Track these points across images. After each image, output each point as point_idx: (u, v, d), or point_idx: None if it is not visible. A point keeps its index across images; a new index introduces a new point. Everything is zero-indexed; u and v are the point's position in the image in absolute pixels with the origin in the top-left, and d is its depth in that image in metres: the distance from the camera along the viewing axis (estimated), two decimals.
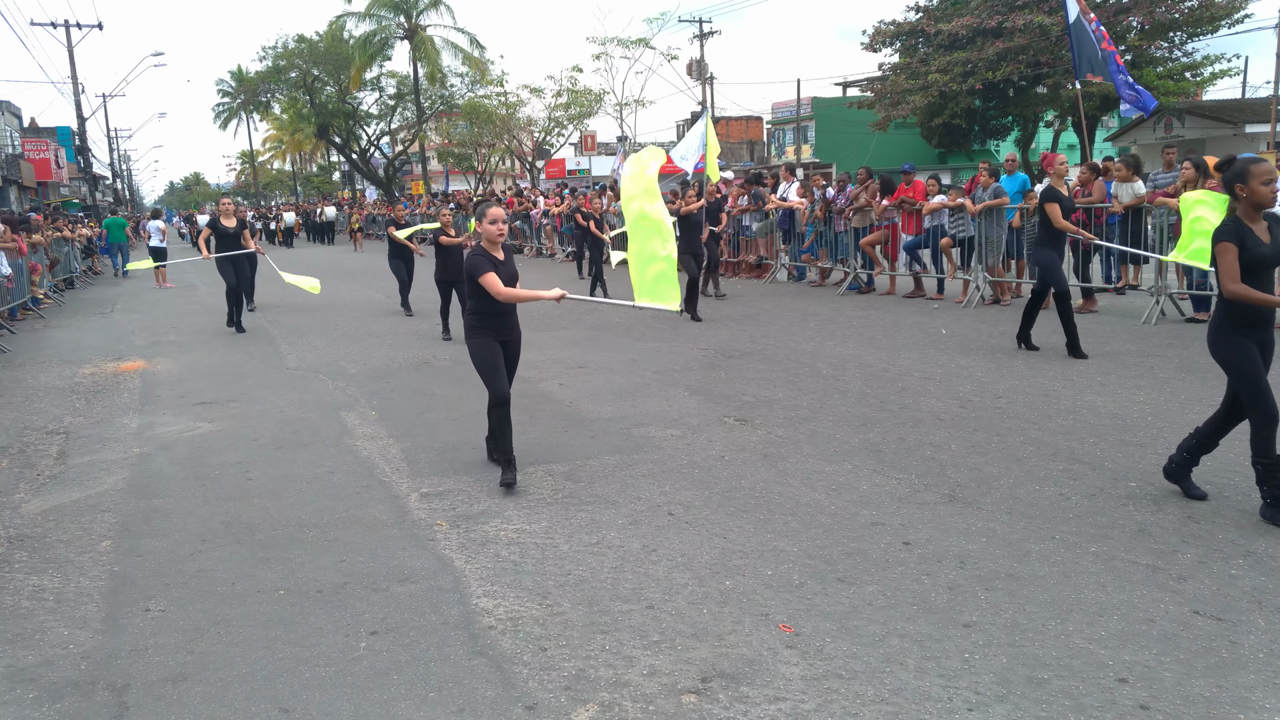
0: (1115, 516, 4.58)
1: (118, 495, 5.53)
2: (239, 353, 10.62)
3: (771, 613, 3.70)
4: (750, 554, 4.29)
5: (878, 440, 6.01)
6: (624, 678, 3.27)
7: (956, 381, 7.64)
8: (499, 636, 3.59)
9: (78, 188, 47.40)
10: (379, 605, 3.90)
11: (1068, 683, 3.13)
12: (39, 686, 3.36)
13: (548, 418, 7.01)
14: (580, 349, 9.96)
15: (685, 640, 3.51)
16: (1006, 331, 9.74)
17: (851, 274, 13.81)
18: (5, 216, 15.71)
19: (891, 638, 3.47)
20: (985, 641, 3.42)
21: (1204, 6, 26.41)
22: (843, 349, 9.31)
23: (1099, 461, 5.45)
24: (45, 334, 13.13)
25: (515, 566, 4.26)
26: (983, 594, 3.81)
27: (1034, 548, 4.25)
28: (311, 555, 4.47)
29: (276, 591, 4.08)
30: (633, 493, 5.22)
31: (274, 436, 6.74)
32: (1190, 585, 3.81)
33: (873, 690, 3.13)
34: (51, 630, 3.80)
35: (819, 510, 4.82)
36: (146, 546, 4.68)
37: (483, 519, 4.89)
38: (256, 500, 5.33)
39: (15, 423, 7.48)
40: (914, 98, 29.27)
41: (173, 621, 3.84)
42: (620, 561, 4.27)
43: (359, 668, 3.41)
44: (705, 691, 3.16)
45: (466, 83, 43.92)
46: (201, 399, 8.11)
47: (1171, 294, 10.27)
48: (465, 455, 6.06)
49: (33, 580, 4.31)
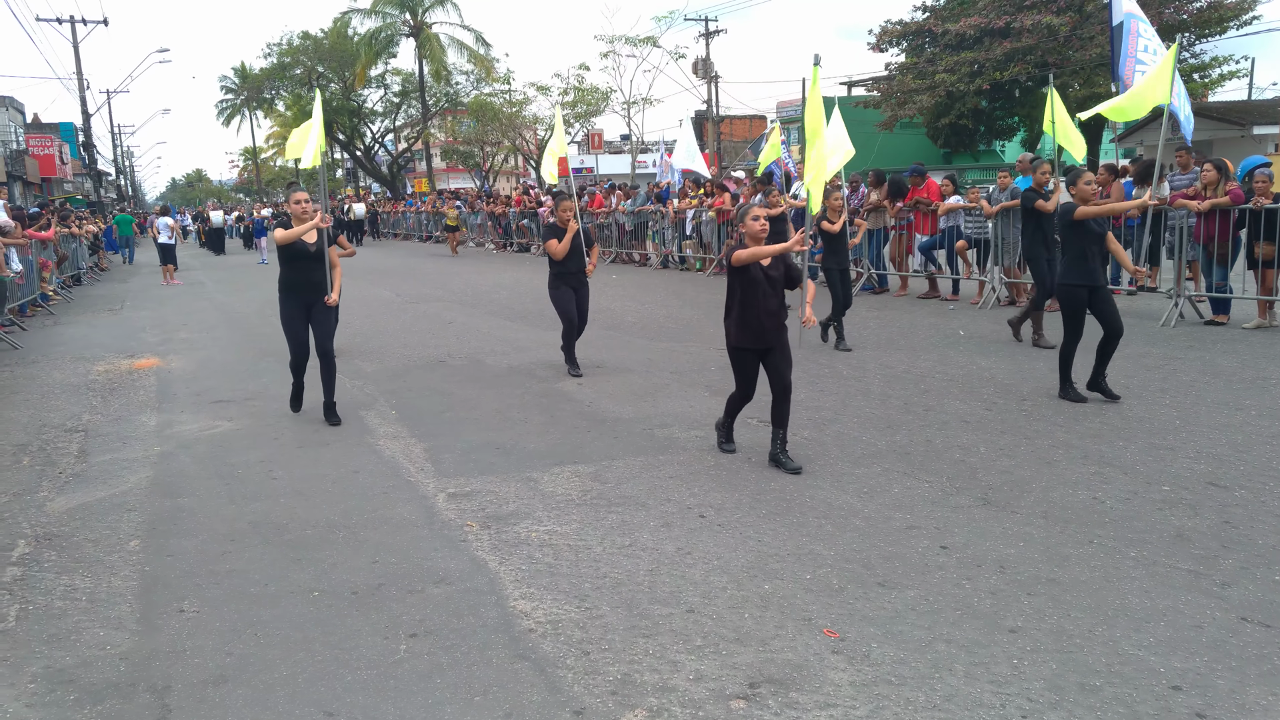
0: (1151, 521, 4.55)
1: (142, 494, 5.50)
2: (252, 350, 10.60)
3: (814, 617, 3.67)
4: (786, 557, 4.26)
5: (905, 443, 5.98)
6: (670, 682, 3.23)
7: (979, 383, 7.61)
8: (540, 640, 3.56)
9: (81, 184, 47.36)
10: (416, 607, 3.87)
11: (1120, 690, 3.10)
12: (79, 688, 3.33)
13: (569, 418, 6.98)
14: (595, 348, 9.92)
15: (729, 645, 3.48)
16: (1024, 333, 9.71)
17: (865, 274, 13.77)
18: (17, 213, 15.68)
19: (938, 643, 3.44)
20: (1033, 647, 3.39)
21: (1212, 8, 26.41)
22: (860, 350, 9.28)
23: (1130, 465, 5.42)
24: (56, 331, 13.10)
25: (550, 568, 4.23)
26: (1025, 599, 3.78)
27: (1072, 552, 4.22)
28: (343, 556, 4.44)
29: (310, 593, 4.06)
30: (662, 494, 5.19)
31: (295, 435, 6.72)
32: (1234, 591, 3.78)
33: (924, 696, 3.10)
34: (87, 631, 3.77)
35: (852, 514, 4.79)
36: (175, 546, 4.65)
37: (513, 520, 4.86)
38: (283, 500, 5.30)
39: (33, 420, 7.45)
40: (921, 98, 29.26)
41: (208, 623, 3.81)
42: (655, 564, 4.24)
43: (401, 671, 3.38)
44: (754, 697, 3.12)
45: (472, 80, 43.90)
46: (218, 397, 8.08)
47: (1190, 296, 10.24)
48: (489, 456, 6.03)
49: (64, 580, 4.28)
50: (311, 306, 6.81)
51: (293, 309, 6.82)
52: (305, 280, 6.77)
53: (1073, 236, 6.79)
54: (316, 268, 6.80)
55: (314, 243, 6.77)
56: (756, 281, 5.46)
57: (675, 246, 19.15)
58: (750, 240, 5.51)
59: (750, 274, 5.46)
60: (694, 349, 9.69)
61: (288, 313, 6.82)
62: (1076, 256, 6.80)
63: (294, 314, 6.82)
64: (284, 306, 6.83)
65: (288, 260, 6.79)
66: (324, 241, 6.83)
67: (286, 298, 6.81)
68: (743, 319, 5.52)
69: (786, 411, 5.55)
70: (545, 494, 5.25)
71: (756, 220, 5.46)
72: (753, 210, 5.52)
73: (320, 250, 6.81)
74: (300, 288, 6.77)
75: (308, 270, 6.78)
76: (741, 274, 5.49)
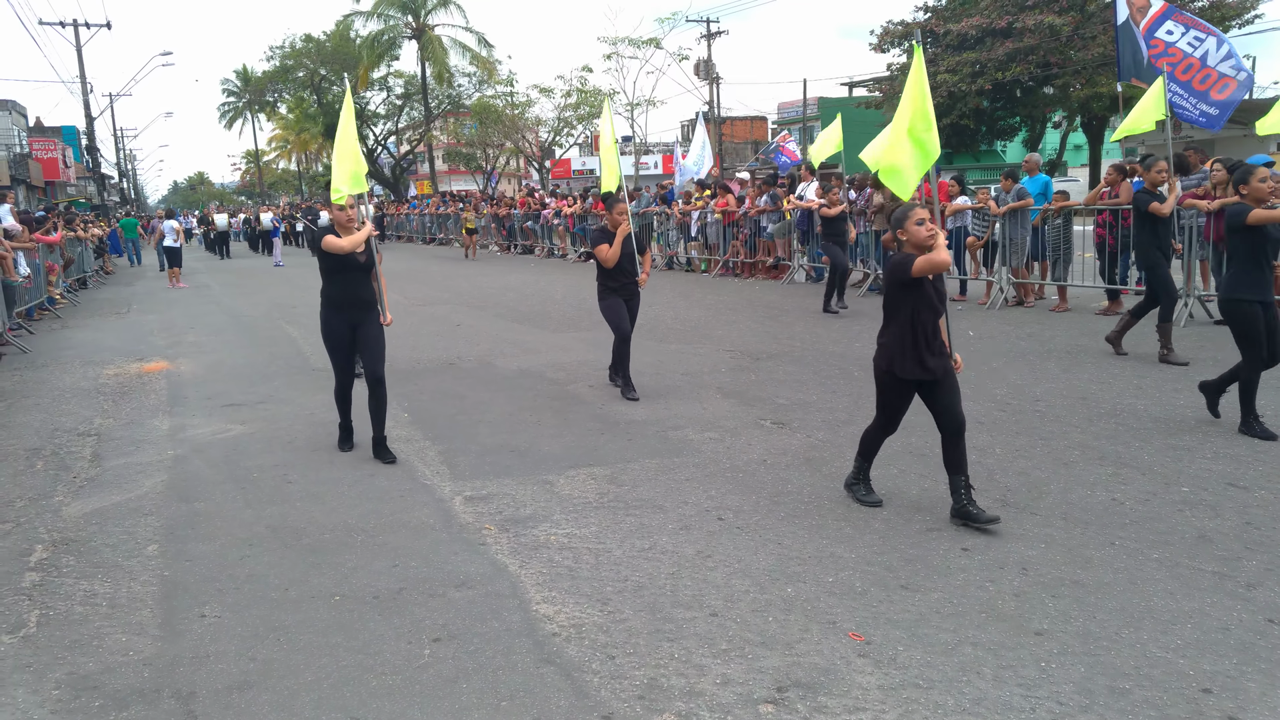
0: (1173, 522, 4.54)
1: (158, 498, 5.50)
2: (262, 354, 10.59)
3: (839, 620, 3.66)
4: (808, 560, 4.25)
5: (920, 444, 5.97)
6: (697, 687, 3.22)
7: (991, 384, 7.59)
8: (564, 644, 3.55)
9: (84, 187, 47.42)
10: (438, 611, 3.86)
11: (1150, 693, 3.09)
12: (104, 695, 3.32)
13: (582, 420, 6.97)
14: (604, 350, 9.88)
15: (755, 649, 3.47)
16: (1034, 334, 9.71)
17: (872, 275, 13.76)
18: (24, 217, 15.69)
19: (964, 646, 3.43)
20: (1060, 650, 3.38)
21: (1214, 6, 26.39)
22: (870, 350, 9.19)
23: (1147, 466, 5.41)
24: (64, 334, 13.10)
25: (571, 571, 4.22)
26: (1050, 601, 3.77)
27: (1095, 554, 4.20)
28: (363, 560, 4.44)
29: (332, 597, 4.05)
30: (678, 497, 5.18)
31: (308, 439, 6.71)
32: (1260, 593, 3.77)
33: (953, 700, 3.09)
34: (109, 637, 3.76)
35: (871, 516, 4.78)
36: (194, 551, 4.64)
37: (531, 523, 4.85)
38: (299, 504, 5.30)
39: (45, 424, 7.45)
40: None
41: (230, 628, 3.80)
42: (676, 567, 4.23)
43: (426, 675, 3.37)
44: (783, 701, 3.11)
45: (474, 82, 43.94)
46: (230, 400, 8.07)
47: (1199, 295, 10.23)
48: (505, 459, 6.02)
49: (83, 585, 4.28)
50: (359, 326, 6.04)
51: (338, 328, 6.06)
52: (353, 296, 6.02)
53: (1244, 244, 5.98)
54: (365, 281, 6.08)
55: (363, 252, 6.03)
56: (928, 299, 4.62)
57: (680, 248, 19.15)
58: (912, 248, 4.62)
59: (924, 290, 4.61)
60: (703, 350, 9.68)
61: (333, 333, 6.09)
62: (1249, 267, 5.97)
63: (339, 334, 6.08)
64: (328, 325, 6.10)
65: (334, 272, 6.00)
66: (373, 251, 6.11)
67: (332, 315, 6.07)
68: (912, 344, 4.66)
69: (963, 451, 4.62)
70: (562, 497, 5.24)
71: (922, 225, 4.55)
72: (915, 213, 4.60)
73: (370, 261, 6.07)
74: (347, 304, 6.02)
75: (356, 285, 6.03)
76: (914, 290, 4.61)
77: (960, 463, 4.61)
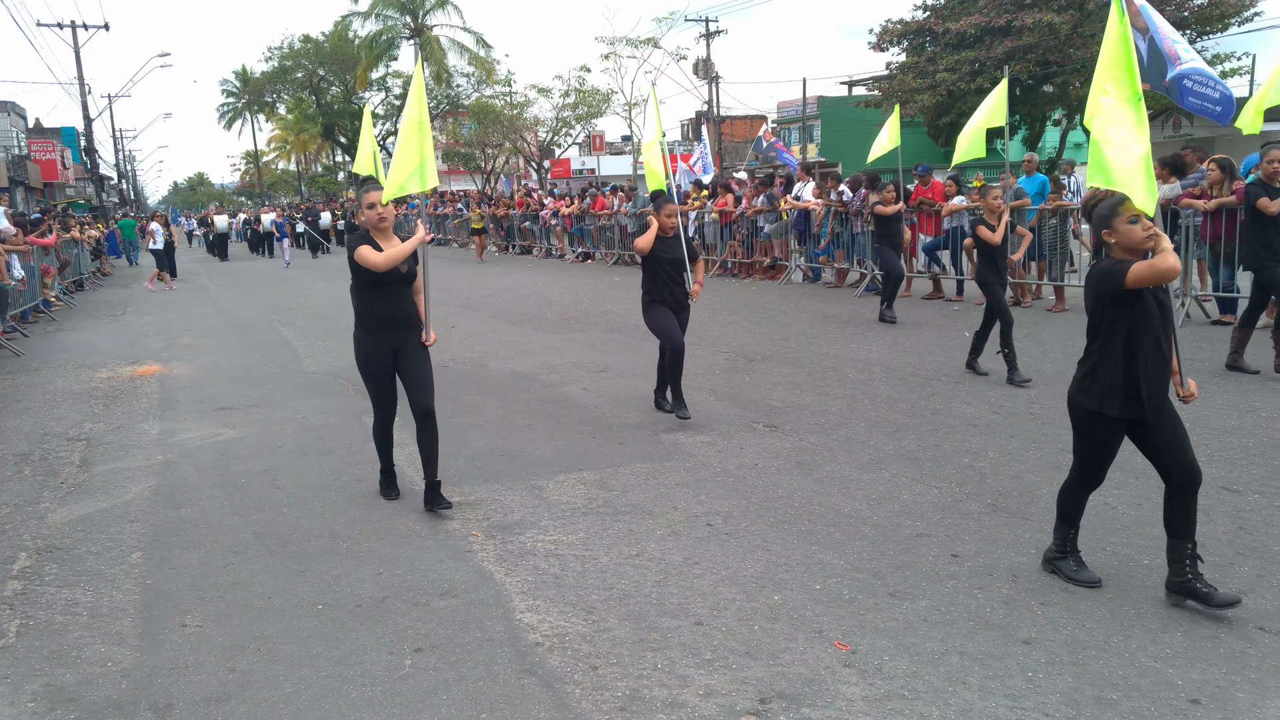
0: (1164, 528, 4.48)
1: (145, 505, 5.46)
2: (256, 356, 10.55)
3: (825, 629, 3.62)
4: (796, 567, 4.21)
5: (913, 448, 5.93)
6: (680, 698, 3.19)
7: (985, 386, 7.55)
8: (547, 654, 3.51)
9: (83, 188, 47.39)
10: (421, 620, 3.83)
11: (1138, 704, 3.05)
12: (80, 707, 3.28)
13: (574, 424, 6.93)
14: (599, 352, 9.88)
15: (739, 659, 3.43)
16: (1031, 335, 9.66)
17: (869, 275, 13.72)
18: (19, 219, 15.66)
19: (951, 655, 3.39)
20: (1048, 659, 3.34)
21: (1213, 4, 26.32)
22: (866, 352, 9.23)
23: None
24: (59, 337, 13.07)
25: (556, 579, 4.18)
26: (1039, 609, 3.73)
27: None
28: (348, 568, 4.40)
29: (315, 606, 4.01)
30: (668, 502, 5.14)
31: (298, 443, 6.67)
32: (1251, 600, 3.73)
33: (937, 711, 3.05)
34: (88, 647, 3.72)
35: (861, 521, 4.74)
36: (178, 558, 4.61)
37: (518, 529, 4.81)
38: (286, 510, 5.26)
39: (35, 429, 7.41)
40: (922, 97, 29.15)
41: (211, 638, 3.76)
42: (663, 575, 4.19)
43: (406, 687, 3.33)
44: (765, 713, 3.07)
45: (473, 83, 43.90)
46: (222, 404, 8.03)
47: (1196, 295, 10.18)
48: (494, 464, 5.98)
49: (65, 594, 4.24)
50: (400, 349, 5.05)
51: (377, 354, 5.05)
52: (394, 315, 5.02)
53: None
54: (406, 295, 5.06)
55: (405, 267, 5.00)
56: (1152, 317, 3.68)
57: None
58: (1123, 252, 3.69)
59: (1146, 304, 3.67)
60: (698, 352, 9.62)
61: (370, 359, 5.08)
62: None
63: (378, 360, 5.06)
64: (363, 350, 5.08)
65: (372, 286, 4.94)
66: (415, 259, 5.05)
67: (369, 338, 5.05)
68: (1124, 372, 3.71)
69: (1194, 510, 3.74)
70: (551, 502, 5.20)
71: (1136, 223, 3.64)
72: (1128, 209, 3.66)
73: (412, 271, 5.06)
74: (387, 324, 5.02)
75: (397, 299, 5.01)
76: (1133, 305, 3.66)
77: (1189, 525, 3.70)
